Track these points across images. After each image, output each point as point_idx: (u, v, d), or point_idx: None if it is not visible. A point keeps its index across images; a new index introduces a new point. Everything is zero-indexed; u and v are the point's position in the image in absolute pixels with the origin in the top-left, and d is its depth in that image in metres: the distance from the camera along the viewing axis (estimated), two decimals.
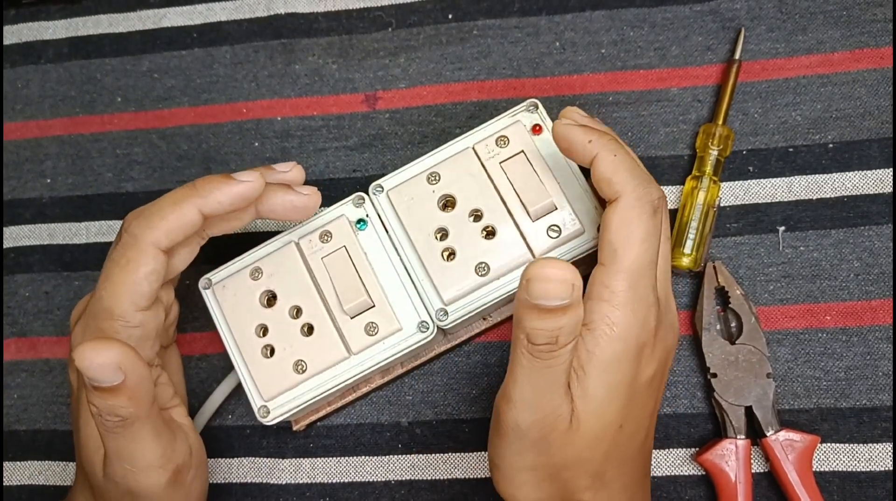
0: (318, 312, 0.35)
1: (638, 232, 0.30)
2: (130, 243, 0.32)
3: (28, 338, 0.44)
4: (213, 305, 0.37)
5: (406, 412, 0.40)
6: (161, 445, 0.31)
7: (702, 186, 0.38)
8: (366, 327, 0.35)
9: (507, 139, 0.36)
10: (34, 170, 0.46)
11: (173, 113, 0.45)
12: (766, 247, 0.39)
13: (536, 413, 0.29)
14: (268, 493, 0.40)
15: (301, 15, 0.45)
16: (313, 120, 0.44)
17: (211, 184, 0.32)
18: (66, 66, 0.47)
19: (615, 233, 0.30)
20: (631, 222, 0.30)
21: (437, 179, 0.36)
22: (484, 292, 0.35)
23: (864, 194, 0.39)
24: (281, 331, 0.36)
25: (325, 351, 0.35)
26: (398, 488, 0.39)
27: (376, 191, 0.36)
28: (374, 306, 0.35)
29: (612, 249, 0.30)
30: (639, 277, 0.30)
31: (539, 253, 0.35)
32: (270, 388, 0.35)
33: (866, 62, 0.40)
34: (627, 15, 0.42)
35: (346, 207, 0.37)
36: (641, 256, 0.30)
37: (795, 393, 0.37)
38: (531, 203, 0.34)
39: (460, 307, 0.35)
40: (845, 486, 0.36)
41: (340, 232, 0.36)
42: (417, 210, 0.36)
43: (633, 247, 0.30)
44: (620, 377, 0.30)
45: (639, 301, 0.30)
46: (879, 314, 0.38)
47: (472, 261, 0.35)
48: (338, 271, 0.35)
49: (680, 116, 0.41)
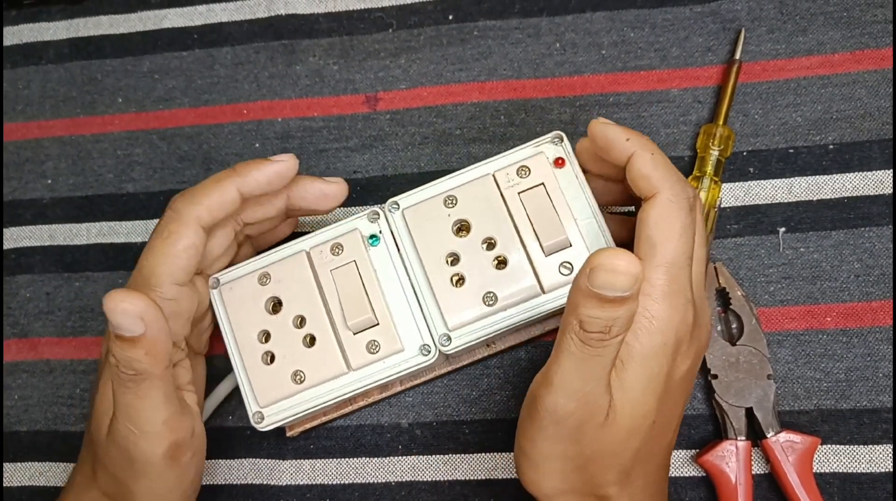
0: (322, 324, 0.35)
1: (676, 227, 0.30)
2: (174, 217, 0.34)
3: (29, 339, 0.44)
4: (218, 304, 0.37)
5: (406, 414, 0.40)
6: (167, 411, 0.32)
7: (702, 186, 0.38)
8: (367, 344, 0.35)
9: (529, 170, 0.35)
10: (35, 171, 0.46)
11: (174, 114, 0.45)
12: (766, 248, 0.39)
13: (577, 401, 0.29)
14: (268, 494, 0.40)
15: (302, 16, 0.45)
16: (314, 121, 0.44)
17: (249, 165, 0.35)
18: (67, 66, 0.47)
19: (654, 228, 0.30)
20: (669, 216, 0.30)
21: (454, 202, 0.35)
22: (489, 321, 0.34)
23: (864, 195, 0.39)
24: (283, 339, 0.35)
25: (325, 364, 0.35)
26: (398, 489, 0.39)
27: (392, 208, 0.36)
28: (377, 324, 0.35)
29: (650, 243, 0.30)
30: (678, 271, 0.30)
31: (548, 288, 0.34)
32: (267, 395, 0.35)
33: (867, 63, 0.40)
34: (628, 16, 0.42)
35: (361, 221, 0.36)
36: (679, 250, 0.30)
37: (796, 395, 0.37)
38: (546, 238, 0.34)
39: (464, 334, 0.35)
40: (846, 487, 0.36)
41: (352, 246, 0.36)
42: (431, 232, 0.35)
43: (672, 241, 0.30)
44: (658, 370, 0.30)
45: (677, 295, 0.30)
46: (880, 315, 0.38)
47: (480, 289, 0.34)
48: (345, 285, 0.35)
49: (680, 117, 0.41)
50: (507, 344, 0.38)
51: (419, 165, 0.42)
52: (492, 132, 0.42)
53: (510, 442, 0.39)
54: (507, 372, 0.40)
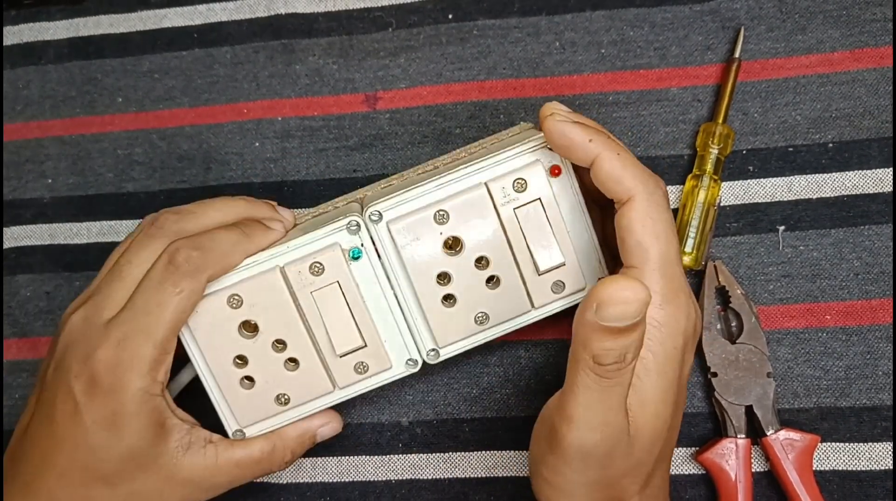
0: (305, 347, 0.34)
1: (661, 226, 0.30)
2: (190, 272, 0.32)
3: (29, 338, 0.44)
4: (185, 335, 0.33)
5: (406, 412, 0.40)
6: None
7: (702, 185, 0.38)
8: (355, 365, 0.34)
9: (525, 183, 0.33)
10: (35, 170, 0.46)
11: (174, 113, 0.45)
12: (766, 246, 0.39)
13: (602, 432, 0.28)
14: (269, 492, 0.40)
15: (301, 15, 0.45)
16: (313, 120, 0.44)
17: (256, 230, 0.34)
18: (67, 66, 0.47)
19: (641, 233, 0.30)
20: (652, 217, 0.30)
21: (446, 219, 0.33)
22: (479, 337, 0.34)
23: (863, 193, 0.39)
24: (262, 363, 0.34)
25: (310, 385, 0.34)
26: (399, 487, 0.39)
27: (373, 218, 0.33)
28: (365, 346, 0.34)
29: (642, 249, 0.30)
30: (673, 269, 0.30)
31: (539, 304, 0.34)
32: (249, 416, 0.35)
33: (866, 62, 0.40)
34: (627, 15, 0.42)
35: (341, 234, 0.33)
36: (670, 249, 0.30)
37: (795, 393, 0.37)
38: (540, 259, 0.33)
39: (452, 351, 0.35)
40: (845, 485, 0.36)
41: (333, 265, 0.33)
42: (421, 251, 0.33)
43: (662, 242, 0.30)
44: (672, 375, 0.30)
45: (677, 295, 0.30)
46: (879, 313, 0.38)
47: (472, 310, 0.34)
48: (329, 310, 0.33)
49: (680, 116, 0.41)
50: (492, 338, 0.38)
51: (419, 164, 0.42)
52: (491, 131, 0.42)
53: (510, 440, 0.39)
54: (507, 370, 0.40)
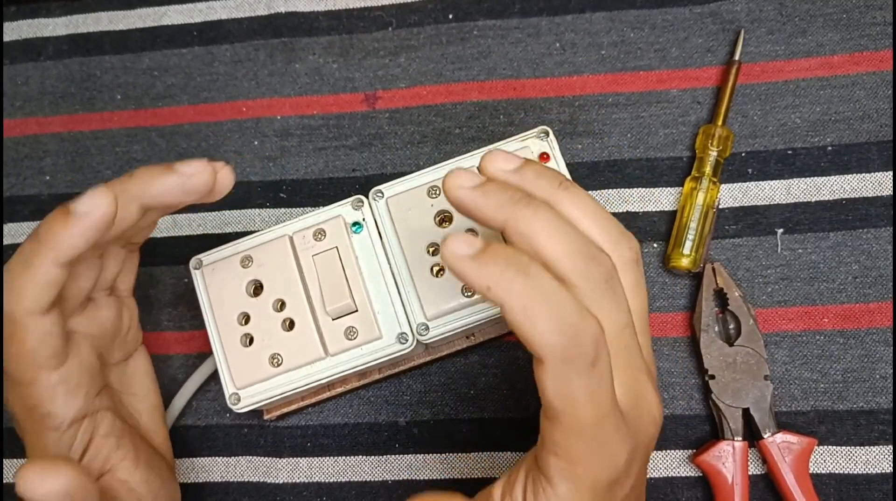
0: (302, 308, 0.36)
1: (579, 393, 0.24)
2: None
3: None
4: (200, 286, 0.37)
5: (404, 412, 0.40)
6: None
7: (701, 187, 0.38)
8: (346, 330, 0.35)
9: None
10: (33, 167, 0.46)
11: (173, 111, 0.45)
12: (764, 249, 0.39)
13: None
14: (265, 492, 0.40)
15: (301, 14, 0.45)
16: (313, 119, 0.44)
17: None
18: (66, 63, 0.46)
19: (552, 397, 0.25)
20: (565, 384, 0.24)
21: (437, 193, 0.36)
22: (468, 312, 0.35)
23: (862, 196, 0.39)
24: (262, 322, 0.36)
25: (303, 349, 0.35)
26: (396, 488, 0.39)
27: (376, 197, 0.36)
28: (356, 310, 0.35)
29: (552, 410, 0.25)
30: (596, 430, 0.25)
31: None
32: (244, 377, 0.36)
33: (865, 65, 0.40)
34: (628, 16, 0.42)
35: (345, 208, 0.37)
36: (590, 413, 0.24)
37: (793, 395, 0.37)
38: None
39: (442, 324, 0.35)
40: (842, 489, 0.36)
41: (335, 232, 0.36)
42: (414, 222, 0.36)
43: (577, 408, 0.24)
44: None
45: (600, 448, 0.25)
46: (877, 316, 0.38)
47: (459, 282, 0.35)
48: (326, 271, 0.36)
49: (679, 118, 0.41)
50: (488, 336, 0.38)
51: (418, 164, 0.42)
52: (491, 131, 0.42)
53: (507, 441, 0.39)
54: (504, 371, 0.40)
